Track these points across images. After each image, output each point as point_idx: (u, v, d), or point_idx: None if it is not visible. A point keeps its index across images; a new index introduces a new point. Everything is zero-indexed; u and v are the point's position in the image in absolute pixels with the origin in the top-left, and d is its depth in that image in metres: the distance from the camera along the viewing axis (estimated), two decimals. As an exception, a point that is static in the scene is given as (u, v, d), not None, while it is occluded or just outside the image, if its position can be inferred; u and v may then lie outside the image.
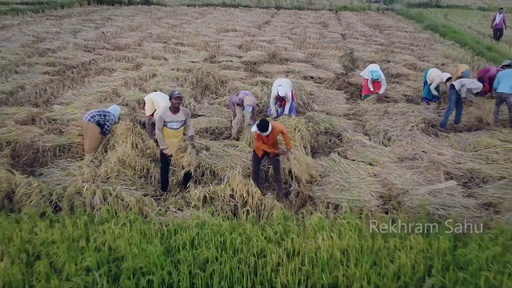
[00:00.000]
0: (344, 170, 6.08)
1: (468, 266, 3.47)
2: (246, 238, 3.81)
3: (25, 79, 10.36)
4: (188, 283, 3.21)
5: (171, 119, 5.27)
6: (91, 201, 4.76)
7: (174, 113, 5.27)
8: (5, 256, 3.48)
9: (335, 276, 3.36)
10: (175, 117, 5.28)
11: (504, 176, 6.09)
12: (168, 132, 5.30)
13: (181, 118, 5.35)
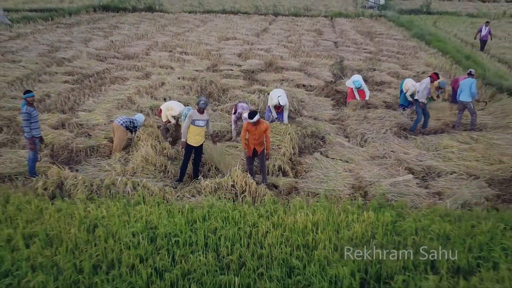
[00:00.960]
0: (324, 166, 7.50)
1: (402, 233, 4.88)
2: (244, 214, 5.22)
3: (49, 88, 11.78)
4: (203, 242, 4.62)
5: (198, 118, 6.69)
6: (124, 190, 6.19)
7: (201, 113, 6.70)
8: (71, 226, 4.89)
9: (307, 239, 4.77)
10: (201, 116, 6.71)
11: (455, 171, 7.52)
12: (193, 129, 6.71)
13: (206, 117, 6.79)
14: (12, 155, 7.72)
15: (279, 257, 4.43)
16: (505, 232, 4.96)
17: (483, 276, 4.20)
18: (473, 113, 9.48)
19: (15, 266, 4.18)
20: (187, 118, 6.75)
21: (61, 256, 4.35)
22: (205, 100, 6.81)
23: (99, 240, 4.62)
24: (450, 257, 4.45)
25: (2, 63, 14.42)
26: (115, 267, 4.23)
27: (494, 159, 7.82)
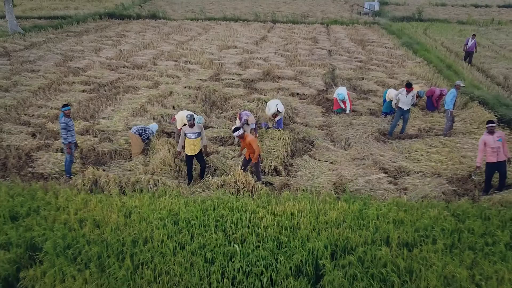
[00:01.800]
0: (311, 167, 9.00)
1: (366, 218, 6.36)
2: (244, 204, 6.71)
3: (70, 97, 13.28)
4: (213, 225, 6.10)
5: (189, 131, 8.13)
6: (147, 186, 7.68)
7: (191, 127, 8.13)
8: (111, 213, 6.37)
9: (293, 222, 6.25)
10: (192, 130, 8.13)
11: (421, 170, 9.01)
12: (187, 141, 8.15)
13: (196, 130, 8.22)
14: (48, 158, 9.22)
15: (271, 235, 5.91)
16: (447, 217, 6.45)
17: (423, 248, 5.69)
18: (449, 120, 10.97)
19: (75, 241, 5.66)
20: (182, 132, 8.18)
21: (108, 234, 5.84)
22: (190, 116, 8.17)
23: (134, 223, 6.10)
24: (400, 235, 5.94)
25: (23, 72, 15.95)
26: (148, 242, 5.72)
27: (455, 161, 9.32)
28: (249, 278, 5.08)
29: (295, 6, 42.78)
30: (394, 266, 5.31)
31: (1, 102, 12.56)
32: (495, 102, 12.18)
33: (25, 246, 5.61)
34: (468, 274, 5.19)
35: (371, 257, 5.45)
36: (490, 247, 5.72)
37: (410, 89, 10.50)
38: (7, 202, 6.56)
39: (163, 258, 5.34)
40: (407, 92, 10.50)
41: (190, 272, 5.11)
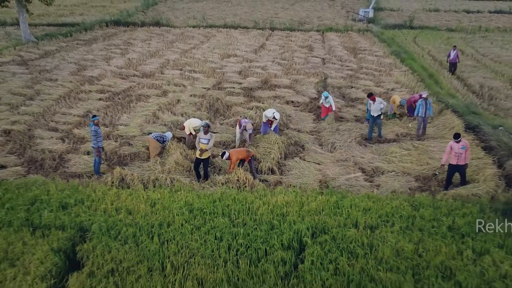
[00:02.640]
0: (301, 167, 10.73)
1: (341, 207, 8.10)
2: (245, 197, 8.43)
3: (89, 105, 15.01)
4: (221, 212, 7.83)
5: (202, 137, 9.88)
6: (165, 182, 9.41)
7: (205, 134, 9.90)
8: (140, 203, 8.11)
9: (283, 210, 7.97)
10: (205, 136, 9.89)
11: (394, 170, 10.75)
12: (200, 145, 9.90)
13: (208, 137, 9.96)
14: (78, 160, 10.95)
15: (266, 220, 7.64)
16: (405, 207, 8.19)
17: (382, 230, 7.43)
18: (418, 128, 12.73)
19: (114, 224, 7.38)
20: (197, 136, 9.95)
21: (139, 219, 7.57)
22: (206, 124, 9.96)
23: (158, 211, 7.83)
24: (367, 220, 7.68)
25: (43, 82, 17.67)
26: (171, 225, 7.44)
27: (423, 162, 11.08)
28: (248, 250, 6.80)
29: (293, 12, 44.61)
30: (359, 242, 7.05)
31: (29, 110, 14.30)
32: (465, 110, 13.94)
33: (76, 228, 7.34)
34: (414, 248, 6.93)
35: (342, 236, 7.19)
36: (435, 229, 7.46)
37: (372, 97, 12.30)
38: (57, 195, 8.30)
39: (183, 237, 7.07)
40: (372, 101, 12.29)
41: (204, 246, 6.85)
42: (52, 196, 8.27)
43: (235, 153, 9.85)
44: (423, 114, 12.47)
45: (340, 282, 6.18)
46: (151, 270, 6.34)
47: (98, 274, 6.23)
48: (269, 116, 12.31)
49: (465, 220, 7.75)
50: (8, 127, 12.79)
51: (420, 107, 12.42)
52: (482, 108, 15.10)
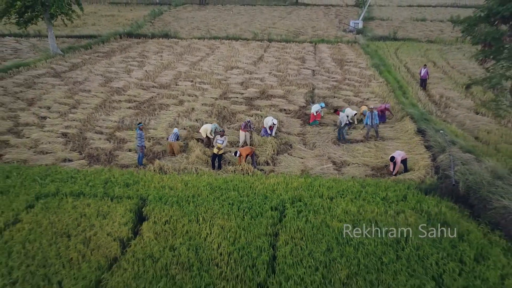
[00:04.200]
0: (289, 160, 14.86)
1: (313, 185, 12.17)
2: (247, 180, 12.54)
3: (122, 113, 19.10)
4: (232, 188, 11.93)
5: (218, 139, 14.00)
6: (191, 170, 13.53)
7: (221, 136, 14.02)
8: (178, 183, 12.21)
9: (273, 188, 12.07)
10: (220, 138, 14.01)
11: (357, 162, 14.87)
12: (216, 144, 14.01)
13: (223, 139, 14.08)
14: (124, 155, 15.06)
15: (262, 193, 11.73)
16: (356, 185, 12.30)
17: (337, 199, 11.53)
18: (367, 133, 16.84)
19: (163, 195, 11.47)
20: (215, 139, 14.09)
21: (178, 192, 11.66)
22: (218, 129, 14.13)
23: (190, 188, 11.95)
24: (329, 194, 11.79)
25: (79, 93, 21.79)
26: (200, 196, 11.52)
27: (379, 157, 15.20)
28: (250, 211, 10.89)
29: (290, 21, 48.76)
30: (321, 206, 11.15)
31: (76, 116, 18.41)
32: (419, 117, 18.06)
33: (138, 198, 11.45)
34: (357, 209, 11.04)
35: (311, 202, 11.31)
36: (373, 198, 11.58)
37: (336, 112, 16.45)
38: (120, 177, 12.43)
39: (208, 203, 11.18)
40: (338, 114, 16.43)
41: (222, 208, 10.95)
42: (117, 179, 12.41)
43: (243, 150, 13.97)
44: (370, 123, 16.55)
45: (308, 227, 10.27)
46: (190, 221, 10.44)
47: (158, 223, 10.34)
48: (269, 122, 16.42)
49: (394, 194, 11.88)
50: (64, 130, 16.91)
51: (367, 118, 16.52)
52: (436, 115, 19.24)
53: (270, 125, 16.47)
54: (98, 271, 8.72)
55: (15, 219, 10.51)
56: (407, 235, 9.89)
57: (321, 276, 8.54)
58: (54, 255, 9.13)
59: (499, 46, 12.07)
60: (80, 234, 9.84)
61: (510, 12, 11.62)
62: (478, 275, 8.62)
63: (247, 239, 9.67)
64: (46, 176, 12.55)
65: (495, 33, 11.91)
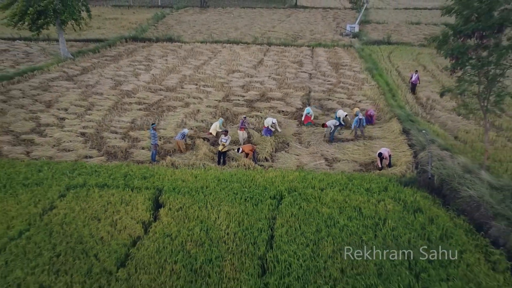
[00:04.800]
0: (286, 157, 16.75)
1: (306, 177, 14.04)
2: (249, 174, 14.40)
3: (133, 114, 20.97)
4: (236, 180, 13.80)
5: (223, 138, 15.90)
6: (199, 165, 15.41)
7: (225, 136, 15.92)
8: (188, 176, 14.09)
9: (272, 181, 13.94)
10: (224, 137, 15.91)
11: (347, 159, 16.76)
12: (221, 143, 15.90)
13: (226, 138, 15.97)
14: (138, 152, 16.93)
15: (262, 185, 13.60)
16: (344, 178, 14.18)
17: (327, 190, 13.40)
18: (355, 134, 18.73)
19: (175, 186, 13.34)
20: (220, 138, 15.98)
21: (190, 184, 13.54)
22: (223, 130, 16.04)
23: (199, 180, 13.82)
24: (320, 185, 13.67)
25: (92, 96, 23.65)
26: (208, 187, 13.39)
27: (367, 154, 17.08)
28: (252, 199, 12.76)
29: (289, 25, 50.68)
30: (313, 196, 13.03)
31: (91, 117, 20.28)
32: (406, 118, 19.95)
33: (154, 188, 13.33)
34: (343, 198, 12.91)
35: (304, 192, 13.18)
36: (358, 189, 13.46)
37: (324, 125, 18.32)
38: (138, 171, 14.31)
39: (215, 193, 13.05)
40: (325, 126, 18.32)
41: (228, 197, 12.82)
42: (135, 172, 14.29)
43: (245, 147, 15.86)
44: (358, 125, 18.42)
45: (301, 213, 12.13)
46: (200, 207, 12.31)
47: (173, 209, 12.21)
48: (269, 124, 18.31)
49: (377, 185, 13.77)
50: (82, 130, 18.78)
51: (355, 121, 18.41)
52: (421, 116, 21.13)
53: (271, 124, 18.34)
54: (125, 247, 10.59)
55: (51, 206, 12.38)
56: (385, 219, 11.78)
57: (310, 251, 10.43)
58: (87, 234, 11.01)
59: (465, 58, 13.96)
60: (108, 218, 11.72)
61: (471, 31, 13.49)
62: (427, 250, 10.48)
63: (250, 222, 11.56)
64: (73, 170, 14.45)
65: (461, 47, 13.80)
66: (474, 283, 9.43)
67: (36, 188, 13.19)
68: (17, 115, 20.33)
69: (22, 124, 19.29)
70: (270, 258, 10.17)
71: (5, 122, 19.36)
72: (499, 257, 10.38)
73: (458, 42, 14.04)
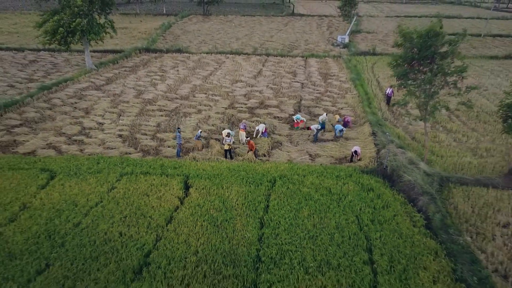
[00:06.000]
0: (279, 154, 22.34)
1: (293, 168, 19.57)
2: (252, 166, 19.93)
3: (157, 119, 26.54)
4: (242, 170, 19.33)
5: (227, 139, 21.48)
6: (214, 159, 20.99)
7: (228, 137, 21.53)
8: (206, 167, 19.65)
9: (267, 170, 19.48)
10: (228, 138, 21.49)
11: (326, 155, 22.35)
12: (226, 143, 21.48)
13: (230, 139, 21.55)
14: (166, 150, 22.49)
15: (260, 172, 19.16)
16: (320, 168, 19.77)
17: (308, 176, 18.98)
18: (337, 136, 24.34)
19: (198, 173, 18.88)
20: (224, 139, 21.57)
21: (207, 172, 19.09)
22: (228, 133, 21.64)
23: (214, 169, 19.40)
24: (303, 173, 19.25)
25: (120, 104, 29.17)
26: (222, 174, 18.96)
27: (341, 151, 22.68)
28: (253, 183, 18.31)
29: (285, 34, 56.28)
30: (297, 180, 18.61)
31: (124, 122, 25.84)
32: (375, 123, 25.55)
33: (183, 175, 18.89)
34: (318, 181, 18.49)
35: (291, 178, 18.76)
36: (329, 176, 19.03)
37: (309, 128, 23.94)
38: (168, 163, 19.90)
39: (228, 178, 18.60)
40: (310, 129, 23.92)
41: (237, 181, 18.38)
42: (167, 164, 19.87)
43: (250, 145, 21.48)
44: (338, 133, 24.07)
45: (288, 191, 17.67)
46: (217, 187, 17.86)
47: (198, 189, 17.77)
48: (262, 129, 23.90)
49: (344, 173, 19.36)
50: (119, 132, 24.34)
51: (337, 129, 24.03)
52: (390, 122, 26.72)
53: (260, 129, 23.94)
54: (170, 211, 16.14)
55: (112, 186, 17.94)
56: (347, 195, 17.37)
57: (293, 214, 16.00)
58: (143, 204, 16.57)
59: (406, 80, 19.56)
60: (154, 194, 17.28)
61: (410, 59, 19.10)
62: (371, 214, 16.07)
63: (252, 197, 17.13)
64: (122, 162, 20.02)
65: (403, 71, 19.42)
66: (398, 233, 15.03)
67: (99, 175, 18.76)
68: (64, 120, 25.88)
69: (70, 128, 24.85)
70: (266, 218, 15.76)
71: (57, 126, 24.91)
72: (419, 218, 15.99)
73: (404, 67, 19.61)
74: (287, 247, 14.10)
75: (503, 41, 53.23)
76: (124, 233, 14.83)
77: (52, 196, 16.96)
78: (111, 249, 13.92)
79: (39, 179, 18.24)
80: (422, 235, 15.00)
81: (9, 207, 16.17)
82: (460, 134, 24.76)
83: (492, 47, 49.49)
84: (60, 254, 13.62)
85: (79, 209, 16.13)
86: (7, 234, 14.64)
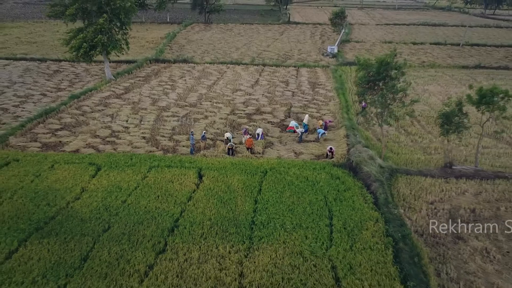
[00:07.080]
0: (271, 152, 29.11)
1: (281, 164, 26.28)
2: (249, 162, 26.69)
3: (171, 124, 33.27)
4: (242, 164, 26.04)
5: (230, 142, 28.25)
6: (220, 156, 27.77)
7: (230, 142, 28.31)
8: (215, 161, 26.41)
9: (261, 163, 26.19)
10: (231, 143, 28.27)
11: (308, 153, 29.11)
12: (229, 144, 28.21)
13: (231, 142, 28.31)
14: (181, 149, 29.25)
15: (256, 165, 25.87)
16: (301, 163, 26.57)
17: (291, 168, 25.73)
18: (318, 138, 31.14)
19: (209, 165, 25.60)
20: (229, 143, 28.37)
21: (216, 165, 25.85)
22: (229, 135, 28.41)
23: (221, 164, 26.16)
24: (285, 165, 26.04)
25: (139, 111, 35.93)
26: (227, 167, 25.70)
27: (321, 150, 29.44)
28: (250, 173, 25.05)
29: (281, 44, 63.10)
30: (283, 171, 25.35)
31: (144, 126, 32.56)
32: (350, 127, 32.32)
33: (197, 167, 25.63)
34: (299, 172, 25.25)
35: (280, 169, 25.50)
36: (308, 168, 25.79)
37: (295, 131, 30.81)
38: (185, 158, 26.64)
39: (231, 170, 25.35)
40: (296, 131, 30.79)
41: (237, 171, 25.14)
42: (184, 160, 26.62)
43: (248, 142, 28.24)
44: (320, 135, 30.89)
45: (277, 179, 24.39)
46: (223, 177, 24.58)
47: (209, 178, 24.50)
48: (259, 132, 30.66)
49: (319, 166, 26.12)
50: (142, 135, 31.07)
51: (319, 133, 30.85)
52: (362, 126, 33.47)
53: (259, 133, 30.71)
54: (189, 192, 22.86)
55: (144, 176, 24.66)
56: (319, 182, 24.12)
57: (278, 195, 22.74)
58: (170, 188, 23.29)
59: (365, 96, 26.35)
60: (177, 181, 24.01)
61: (367, 81, 25.91)
62: (335, 195, 22.86)
63: (249, 183, 23.87)
64: (149, 158, 26.76)
65: (362, 92, 26.23)
66: (352, 207, 21.78)
67: (133, 167, 25.49)
68: (95, 125, 32.62)
69: (102, 131, 31.58)
70: (259, 198, 22.52)
71: (92, 130, 31.66)
72: (369, 197, 22.75)
73: (363, 87, 26.42)
74: (273, 216, 20.84)
75: (479, 51, 59.98)
76: (158, 207, 21.56)
77: (102, 183, 23.71)
78: (151, 217, 20.67)
79: (89, 170, 25.01)
80: (369, 209, 21.74)
81: (73, 189, 22.93)
82: (417, 136, 31.56)
83: (467, 57, 56.25)
84: (116, 220, 20.36)
85: (123, 191, 22.88)
86: (76, 207, 21.37)
